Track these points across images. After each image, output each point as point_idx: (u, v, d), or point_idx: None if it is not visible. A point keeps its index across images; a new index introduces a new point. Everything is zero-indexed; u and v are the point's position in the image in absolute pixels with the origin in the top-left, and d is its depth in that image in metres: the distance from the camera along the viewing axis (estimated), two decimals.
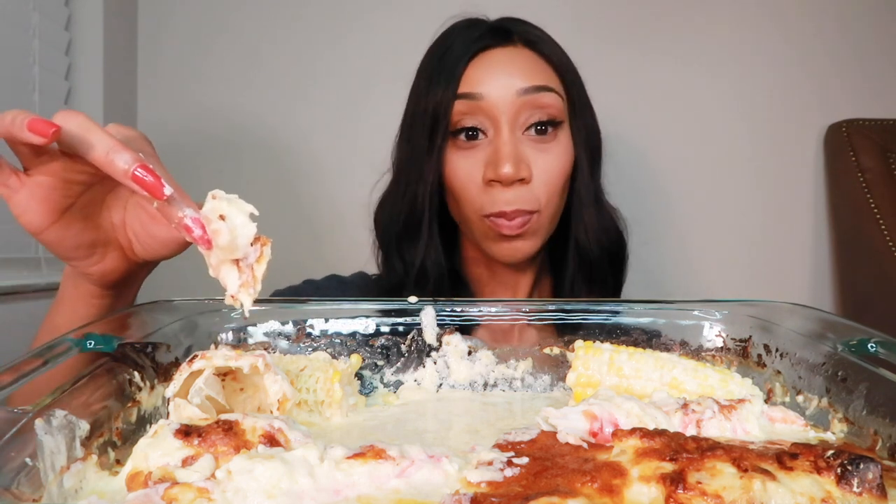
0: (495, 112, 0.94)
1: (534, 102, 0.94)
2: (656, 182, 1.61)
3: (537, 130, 0.96)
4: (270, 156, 1.58)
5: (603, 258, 1.03)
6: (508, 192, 0.93)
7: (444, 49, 0.99)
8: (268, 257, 0.55)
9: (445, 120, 0.95)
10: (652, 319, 0.74)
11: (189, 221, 0.54)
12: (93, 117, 0.57)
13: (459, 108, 0.95)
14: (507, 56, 0.97)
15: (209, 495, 0.41)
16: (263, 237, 0.55)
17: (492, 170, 0.93)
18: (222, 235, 0.53)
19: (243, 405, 0.59)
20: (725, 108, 1.60)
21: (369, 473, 0.45)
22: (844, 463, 0.41)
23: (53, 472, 0.43)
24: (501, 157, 0.92)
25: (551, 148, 0.96)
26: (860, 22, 1.59)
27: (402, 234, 1.01)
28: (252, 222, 0.54)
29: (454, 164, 0.97)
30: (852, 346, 0.59)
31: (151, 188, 0.54)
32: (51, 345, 0.55)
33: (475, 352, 0.74)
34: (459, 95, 0.95)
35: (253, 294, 0.56)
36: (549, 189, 0.96)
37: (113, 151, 0.54)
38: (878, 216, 1.44)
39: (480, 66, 0.96)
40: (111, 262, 0.66)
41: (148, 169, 0.54)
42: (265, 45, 1.58)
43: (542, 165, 0.95)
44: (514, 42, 0.98)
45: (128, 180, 0.54)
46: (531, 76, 0.95)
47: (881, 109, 1.56)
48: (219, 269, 0.55)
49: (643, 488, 0.41)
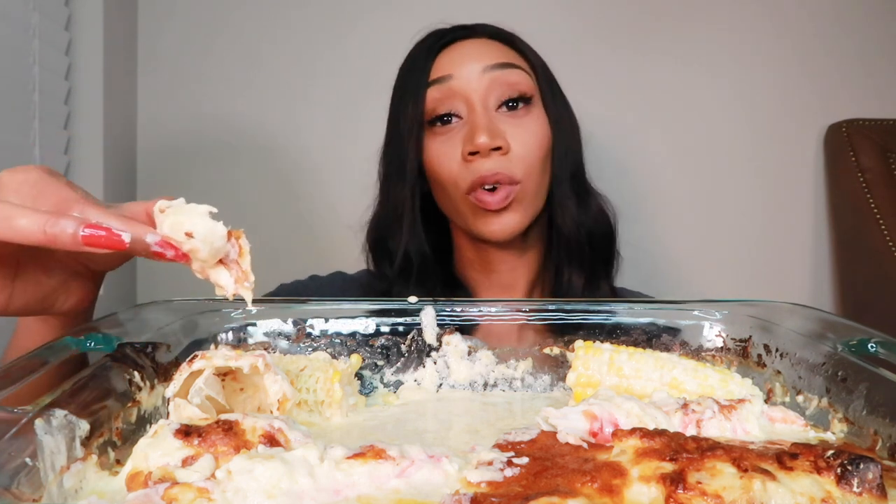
0: (466, 91, 0.98)
1: (502, 79, 0.98)
2: (656, 182, 1.61)
3: (509, 107, 0.99)
4: (270, 156, 1.58)
5: (584, 242, 1.04)
6: (488, 162, 0.96)
7: (414, 54, 1.05)
8: (247, 248, 0.55)
9: (420, 111, 0.99)
10: (652, 319, 0.74)
11: (157, 248, 0.52)
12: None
13: (433, 95, 0.99)
14: (473, 44, 1.02)
15: (209, 495, 0.41)
16: (234, 231, 0.55)
17: (469, 143, 0.96)
18: (200, 251, 0.53)
19: (243, 405, 0.59)
20: (725, 108, 1.60)
21: (369, 473, 0.45)
22: (844, 463, 0.41)
23: (53, 472, 0.43)
24: (476, 129, 0.95)
25: (525, 122, 0.99)
26: (860, 22, 1.59)
27: (387, 231, 1.05)
28: (217, 221, 0.53)
29: (434, 150, 1.00)
30: (852, 346, 0.59)
31: (109, 244, 0.51)
32: (51, 345, 0.55)
33: (475, 352, 0.74)
34: (430, 83, 0.99)
35: (250, 286, 0.56)
36: (527, 161, 0.98)
37: (49, 226, 0.50)
38: (878, 216, 1.44)
39: (448, 55, 1.01)
40: (78, 292, 0.63)
41: (94, 226, 0.51)
42: (265, 46, 1.58)
43: (518, 138, 0.98)
44: (479, 35, 1.03)
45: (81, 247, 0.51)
46: (497, 55, 1.00)
47: (881, 109, 1.56)
48: (205, 273, 0.55)
49: (643, 488, 0.41)
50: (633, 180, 1.60)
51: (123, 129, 1.51)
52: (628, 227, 1.58)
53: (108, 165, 1.42)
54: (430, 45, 1.02)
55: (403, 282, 1.02)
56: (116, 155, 1.46)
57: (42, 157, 1.24)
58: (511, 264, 1.06)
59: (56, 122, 1.31)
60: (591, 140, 1.10)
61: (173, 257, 0.53)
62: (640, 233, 1.58)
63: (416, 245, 1.03)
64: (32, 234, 0.50)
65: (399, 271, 1.02)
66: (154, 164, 1.56)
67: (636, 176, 1.60)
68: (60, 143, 1.32)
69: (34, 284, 0.59)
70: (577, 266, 1.04)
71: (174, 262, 0.54)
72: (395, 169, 1.04)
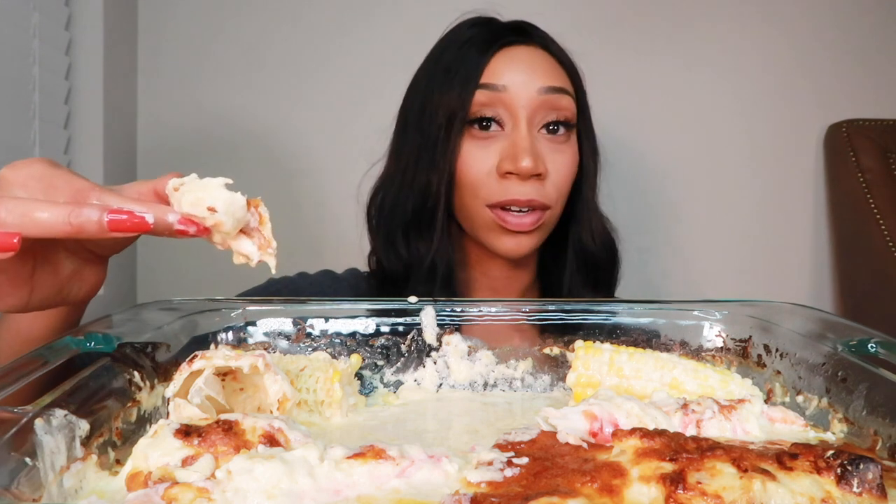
0: (515, 106, 0.95)
1: (552, 103, 0.97)
2: (656, 182, 1.61)
3: (549, 130, 0.98)
4: (271, 155, 1.58)
5: (601, 262, 1.05)
6: (525, 186, 0.94)
7: (463, 41, 1.00)
8: (267, 215, 0.56)
9: (464, 110, 0.96)
10: (652, 319, 0.74)
11: (180, 226, 0.53)
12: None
13: (480, 99, 0.96)
14: (529, 54, 0.99)
15: (209, 495, 0.41)
16: (253, 200, 0.55)
17: (510, 162, 0.94)
18: (225, 224, 0.53)
19: (243, 405, 0.59)
20: (725, 108, 1.60)
21: (369, 473, 0.45)
22: (844, 463, 0.41)
23: (53, 472, 0.43)
24: (521, 150, 0.93)
25: (564, 149, 0.99)
26: (860, 22, 1.59)
27: (412, 224, 1.01)
28: (236, 192, 0.53)
29: (468, 153, 0.97)
30: (852, 346, 0.59)
31: (134, 227, 0.51)
32: (51, 345, 0.55)
33: (475, 352, 0.74)
34: (481, 86, 0.96)
35: (273, 252, 0.56)
36: (560, 188, 0.98)
37: (74, 216, 0.50)
38: (878, 216, 1.44)
39: (503, 60, 0.97)
40: (91, 278, 0.62)
41: (117, 211, 0.51)
42: (266, 46, 1.58)
43: (555, 164, 0.97)
44: (533, 42, 1.01)
45: (107, 234, 0.51)
46: (552, 77, 0.98)
47: (881, 109, 1.56)
48: (227, 244, 0.55)
49: (643, 488, 0.41)
50: (632, 180, 1.60)
51: (123, 128, 1.51)
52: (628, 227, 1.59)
53: (108, 165, 1.41)
54: (487, 40, 0.98)
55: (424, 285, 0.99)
56: (116, 155, 1.46)
57: (42, 157, 1.24)
58: (509, 274, 1.05)
59: (56, 122, 1.31)
60: None
61: (196, 233, 0.53)
62: (639, 233, 1.58)
63: (444, 249, 0.99)
64: (56, 225, 0.50)
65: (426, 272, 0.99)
66: (154, 164, 1.56)
67: (635, 176, 1.60)
68: (60, 142, 1.32)
69: (52, 276, 0.58)
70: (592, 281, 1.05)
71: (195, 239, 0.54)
72: (426, 159, 0.99)
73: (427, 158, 0.99)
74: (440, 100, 0.98)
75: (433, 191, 0.98)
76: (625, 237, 1.12)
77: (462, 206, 1.00)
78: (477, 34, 1.00)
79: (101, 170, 1.40)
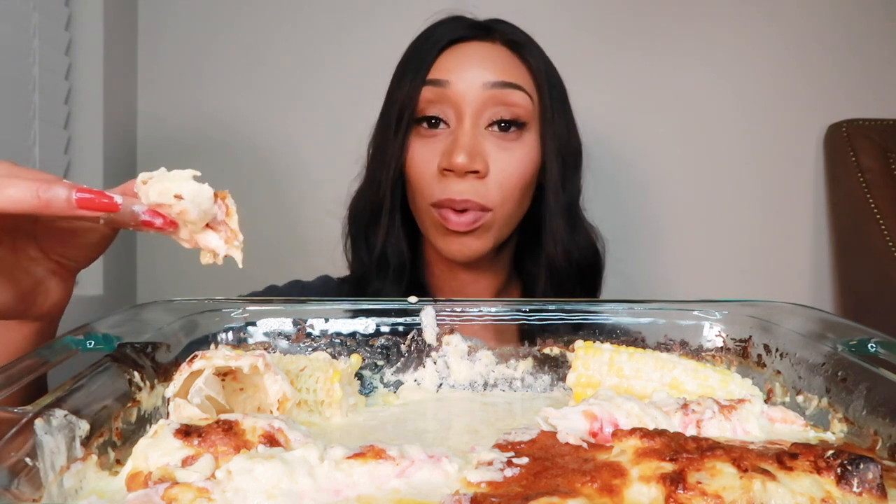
0: (460, 102, 0.94)
1: (500, 98, 0.94)
2: (657, 182, 1.61)
3: (500, 128, 0.95)
4: (270, 156, 1.58)
5: (572, 272, 1.01)
6: (462, 184, 0.92)
7: (422, 41, 1.00)
8: (234, 207, 0.55)
9: (411, 106, 0.95)
10: (652, 319, 0.74)
11: (146, 216, 0.52)
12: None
13: (426, 95, 0.95)
14: (480, 50, 0.97)
15: (209, 495, 0.40)
16: (220, 192, 0.55)
17: (446, 159, 0.92)
18: (190, 212, 0.53)
19: (243, 405, 0.59)
20: (725, 108, 1.60)
21: (369, 473, 0.45)
22: (844, 463, 0.41)
23: (53, 472, 0.43)
24: (457, 146, 0.92)
25: (513, 147, 0.95)
26: (860, 22, 1.59)
27: (368, 221, 1.02)
28: (203, 183, 0.53)
29: (414, 150, 0.97)
30: (852, 346, 0.59)
31: (102, 206, 0.50)
32: (51, 345, 0.55)
33: (475, 352, 0.74)
34: (427, 82, 0.95)
35: (239, 245, 0.56)
36: (505, 189, 0.94)
37: (42, 191, 0.49)
38: (878, 216, 1.44)
39: (452, 56, 0.96)
40: (57, 291, 0.61)
41: (86, 190, 0.50)
42: (266, 46, 1.58)
43: (500, 163, 0.94)
44: (492, 38, 0.98)
45: (75, 210, 0.50)
46: (502, 72, 0.95)
47: (881, 109, 1.56)
48: (194, 239, 0.55)
49: (643, 488, 0.41)
50: (632, 180, 1.60)
51: (123, 128, 1.51)
52: (629, 227, 1.59)
53: (108, 165, 1.41)
54: (438, 37, 0.97)
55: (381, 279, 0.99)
56: (116, 155, 1.46)
57: (42, 157, 1.24)
58: (468, 275, 1.03)
59: (56, 122, 1.31)
60: (588, 138, 1.09)
61: (162, 225, 0.53)
62: (639, 232, 1.58)
63: (395, 244, 0.99)
64: (25, 200, 0.49)
65: (377, 268, 1.00)
66: (154, 164, 1.55)
67: (636, 176, 1.60)
68: (60, 142, 1.32)
69: (12, 282, 0.56)
70: (557, 292, 1.01)
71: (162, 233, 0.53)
72: (380, 156, 1.00)
73: (380, 157, 1.00)
74: (394, 98, 0.98)
75: (381, 187, 0.99)
76: (625, 237, 1.11)
77: (413, 206, 1.00)
78: (437, 31, 0.99)
79: (101, 170, 1.40)
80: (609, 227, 1.60)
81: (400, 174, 0.98)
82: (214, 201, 0.54)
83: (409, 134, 0.97)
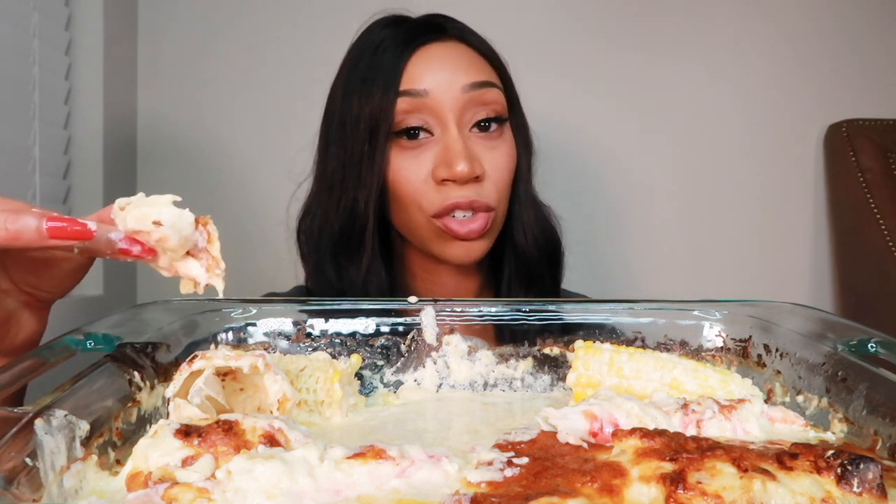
0: (441, 109, 0.91)
1: (479, 98, 0.93)
2: (656, 181, 1.61)
3: (481, 127, 0.94)
4: (270, 155, 1.58)
5: (542, 259, 1.01)
6: (463, 190, 0.91)
7: (374, 47, 0.95)
8: (216, 234, 0.54)
9: (388, 121, 0.91)
10: (652, 319, 0.74)
11: (124, 244, 0.50)
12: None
13: (402, 107, 0.91)
14: (446, 51, 0.94)
15: (209, 495, 0.40)
16: (201, 217, 0.53)
17: (445, 168, 0.90)
18: (170, 239, 0.51)
19: (243, 405, 0.59)
20: (725, 108, 1.60)
21: (369, 473, 0.45)
22: (844, 463, 0.41)
23: (53, 472, 0.43)
24: (454, 155, 0.89)
25: (498, 145, 0.95)
26: (860, 22, 1.59)
27: (339, 247, 0.96)
28: (184, 209, 0.51)
29: (398, 165, 0.93)
30: (852, 346, 0.59)
31: (75, 234, 0.48)
32: (51, 345, 0.54)
33: (475, 352, 0.74)
34: (402, 93, 0.91)
35: (221, 274, 0.54)
36: (500, 187, 0.94)
37: (10, 222, 0.47)
38: (878, 216, 1.44)
39: (421, 62, 0.92)
40: (30, 324, 0.58)
41: (58, 218, 0.48)
42: (266, 46, 1.58)
43: (491, 162, 0.93)
44: (449, 37, 0.96)
45: (46, 241, 0.47)
46: (475, 72, 0.93)
47: (881, 109, 1.57)
48: (174, 267, 0.54)
49: (643, 488, 0.41)
50: (632, 180, 1.60)
51: (123, 129, 1.51)
52: (629, 226, 1.59)
53: (107, 165, 1.41)
54: (399, 43, 0.93)
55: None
56: (116, 155, 1.46)
57: (42, 157, 1.24)
58: (458, 279, 1.02)
59: (56, 122, 1.31)
60: (590, 138, 1.09)
61: (140, 253, 0.50)
62: (639, 232, 1.58)
63: (377, 274, 0.95)
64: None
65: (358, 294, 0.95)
66: (154, 164, 1.56)
67: (636, 175, 1.60)
68: (60, 143, 1.32)
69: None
70: (527, 280, 1.01)
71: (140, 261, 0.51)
72: (352, 177, 0.94)
73: (353, 175, 0.94)
74: (360, 111, 0.92)
75: (360, 210, 0.93)
76: (624, 237, 1.11)
77: (403, 220, 0.96)
78: (389, 36, 0.95)
79: (101, 170, 1.40)
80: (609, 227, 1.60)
81: (380, 196, 0.94)
82: (195, 227, 0.52)
83: (388, 149, 0.92)
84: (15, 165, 1.17)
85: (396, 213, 0.96)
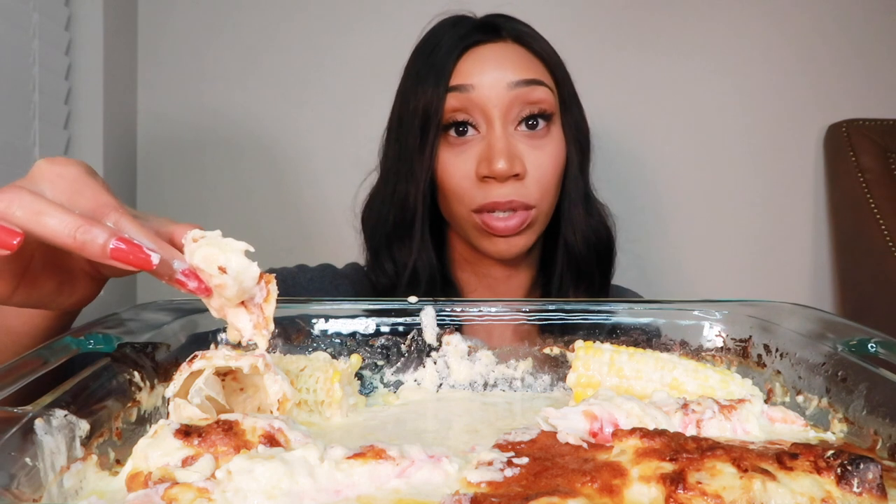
0: (487, 105, 0.94)
1: (525, 97, 0.95)
2: (656, 182, 1.61)
3: (529, 125, 0.96)
4: (270, 155, 1.58)
5: (591, 256, 1.03)
6: (503, 188, 0.93)
7: (433, 46, 0.99)
8: (275, 295, 0.53)
9: (437, 116, 0.95)
10: (652, 319, 0.74)
11: (182, 277, 0.50)
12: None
13: (451, 103, 0.95)
14: (497, 51, 0.97)
15: (209, 495, 0.40)
16: (267, 274, 0.53)
17: (485, 165, 0.93)
18: (229, 288, 0.51)
19: (243, 405, 0.59)
20: (725, 107, 1.60)
21: (369, 473, 0.45)
22: (844, 463, 0.41)
23: (53, 472, 0.43)
24: (495, 152, 0.92)
25: (544, 144, 0.96)
26: (860, 22, 1.59)
27: (393, 235, 1.01)
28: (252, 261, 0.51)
29: (446, 160, 0.97)
30: (852, 346, 0.59)
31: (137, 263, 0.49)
32: (51, 345, 0.55)
33: (475, 352, 0.74)
34: (451, 88, 0.95)
35: (266, 335, 0.54)
36: (543, 185, 0.96)
37: (81, 232, 0.48)
38: (878, 216, 1.44)
39: (471, 61, 0.96)
40: (82, 292, 0.60)
41: (125, 240, 0.49)
42: (265, 45, 1.58)
43: (535, 161, 0.95)
44: (503, 37, 0.98)
45: (107, 259, 0.49)
46: (522, 70, 0.96)
47: (881, 109, 1.56)
48: (224, 312, 0.54)
49: (643, 488, 0.41)
50: (632, 180, 1.60)
51: (123, 128, 1.51)
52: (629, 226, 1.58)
53: (108, 165, 1.42)
54: (454, 43, 0.97)
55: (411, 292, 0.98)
56: (116, 155, 1.46)
57: (42, 157, 1.24)
58: (507, 273, 1.05)
59: (56, 122, 1.31)
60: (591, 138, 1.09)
61: (195, 289, 0.51)
62: (640, 232, 1.58)
63: (426, 260, 0.99)
64: (60, 236, 0.49)
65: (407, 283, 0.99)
66: (154, 164, 1.56)
67: (636, 175, 1.60)
68: (60, 143, 1.32)
69: (42, 280, 0.56)
70: (576, 276, 1.03)
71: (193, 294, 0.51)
72: (405, 170, 0.99)
73: (405, 169, 0.98)
74: (414, 107, 0.97)
75: (411, 201, 0.98)
76: (623, 237, 1.11)
77: (449, 212, 1.00)
78: (445, 37, 0.99)
79: (101, 170, 1.40)
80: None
81: (429, 187, 0.98)
82: (258, 282, 0.52)
83: (438, 144, 0.96)
84: (15, 165, 1.17)
85: (444, 206, 1.01)
